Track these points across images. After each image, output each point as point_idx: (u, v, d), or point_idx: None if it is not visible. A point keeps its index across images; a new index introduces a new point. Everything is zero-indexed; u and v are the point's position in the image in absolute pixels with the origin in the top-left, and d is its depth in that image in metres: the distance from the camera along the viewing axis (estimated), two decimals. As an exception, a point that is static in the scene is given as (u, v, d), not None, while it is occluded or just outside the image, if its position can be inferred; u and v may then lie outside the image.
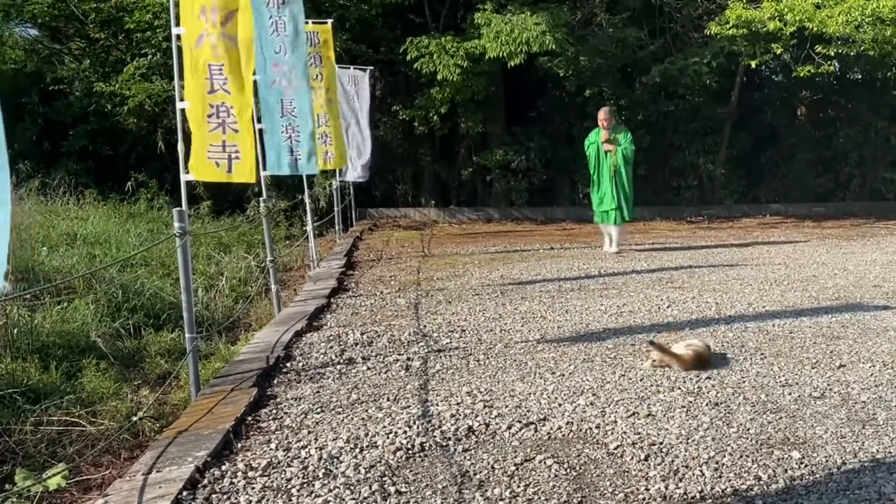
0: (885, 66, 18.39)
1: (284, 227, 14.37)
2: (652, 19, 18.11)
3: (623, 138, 11.88)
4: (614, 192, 11.78)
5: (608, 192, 11.83)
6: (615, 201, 11.79)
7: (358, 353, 6.27)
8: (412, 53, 15.86)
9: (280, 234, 13.78)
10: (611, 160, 11.80)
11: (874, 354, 6.01)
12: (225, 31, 5.86)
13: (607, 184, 11.83)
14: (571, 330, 6.99)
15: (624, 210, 11.90)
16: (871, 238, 13.88)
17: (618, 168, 11.80)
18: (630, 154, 11.89)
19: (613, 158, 11.78)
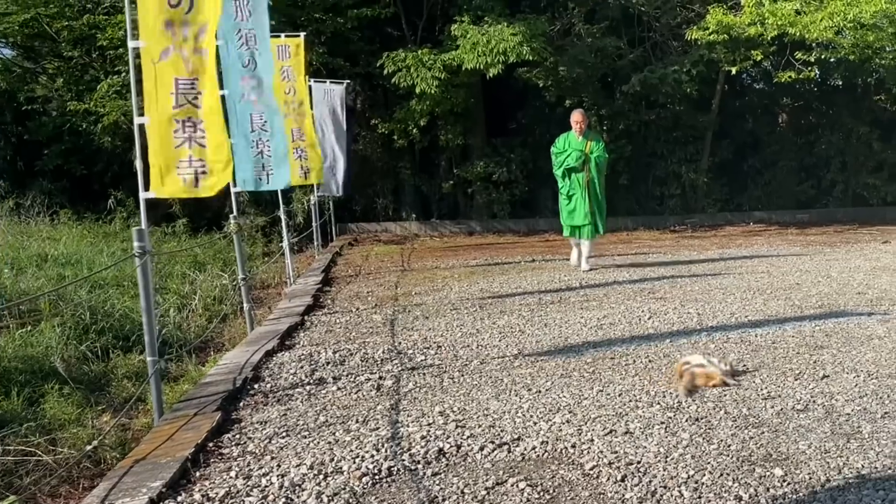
0: (866, 72, 18.38)
1: (262, 243, 14.16)
2: (631, 28, 18.06)
3: (596, 146, 11.05)
4: (587, 205, 10.91)
5: (581, 205, 10.94)
6: (588, 215, 10.93)
7: (329, 373, 6.08)
8: (389, 67, 15.71)
9: (257, 250, 13.60)
10: (584, 170, 10.92)
11: (858, 364, 5.87)
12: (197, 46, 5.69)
13: (580, 195, 10.94)
14: (550, 344, 6.82)
15: (598, 223, 11.11)
16: (855, 244, 13.78)
17: (591, 178, 10.96)
18: (603, 163, 11.14)
19: (587, 168, 10.91)
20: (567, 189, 11.07)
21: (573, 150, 10.94)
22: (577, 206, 10.99)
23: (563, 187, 11.14)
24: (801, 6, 14.95)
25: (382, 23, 17.46)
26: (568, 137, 11.07)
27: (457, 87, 16.37)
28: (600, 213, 11.15)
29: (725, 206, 19.84)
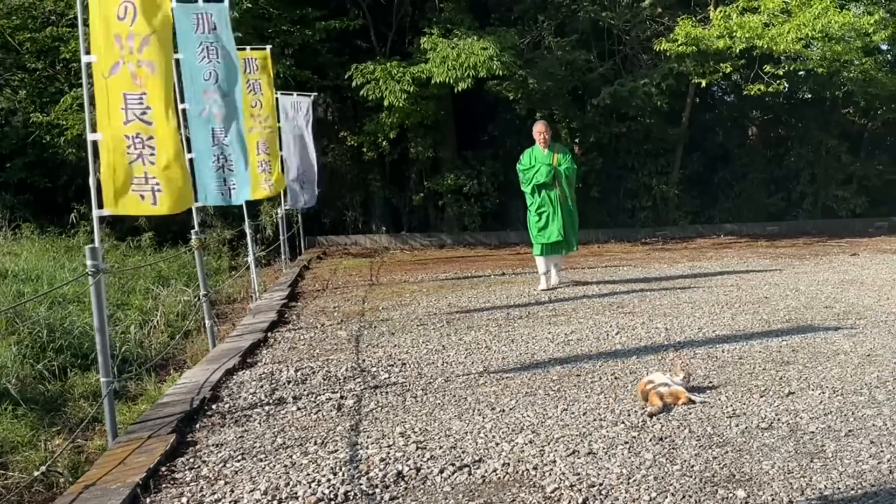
0: (834, 86, 18.51)
1: (228, 257, 13.97)
2: (601, 42, 18.08)
3: (564, 158, 10.50)
4: (561, 221, 10.38)
5: (554, 221, 10.39)
6: (562, 231, 10.41)
7: (289, 392, 5.95)
8: (357, 80, 15.60)
9: (224, 264, 13.42)
10: (558, 185, 10.39)
11: (824, 380, 5.82)
12: (142, 58, 5.55)
13: (552, 211, 10.38)
14: (516, 361, 6.73)
15: (572, 240, 10.68)
16: (824, 257, 13.82)
17: (562, 192, 10.45)
18: (573, 175, 10.64)
19: (557, 182, 10.38)
20: (537, 206, 10.48)
21: (541, 164, 10.38)
22: (549, 222, 10.43)
23: (533, 204, 10.54)
24: (768, 19, 15.02)
25: (351, 35, 17.34)
26: (533, 152, 10.55)
27: (426, 100, 16.28)
28: (573, 229, 10.68)
29: (696, 219, 19.88)
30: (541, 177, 10.36)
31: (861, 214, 19.79)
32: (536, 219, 10.53)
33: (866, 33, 14.80)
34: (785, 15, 15.06)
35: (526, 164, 10.56)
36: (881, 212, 20.36)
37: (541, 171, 10.37)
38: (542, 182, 10.38)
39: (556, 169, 10.37)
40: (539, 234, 10.54)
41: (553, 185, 10.40)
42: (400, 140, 17.66)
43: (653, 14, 17.36)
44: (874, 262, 12.85)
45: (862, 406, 5.22)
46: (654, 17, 17.48)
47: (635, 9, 17.51)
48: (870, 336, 7.23)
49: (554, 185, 10.40)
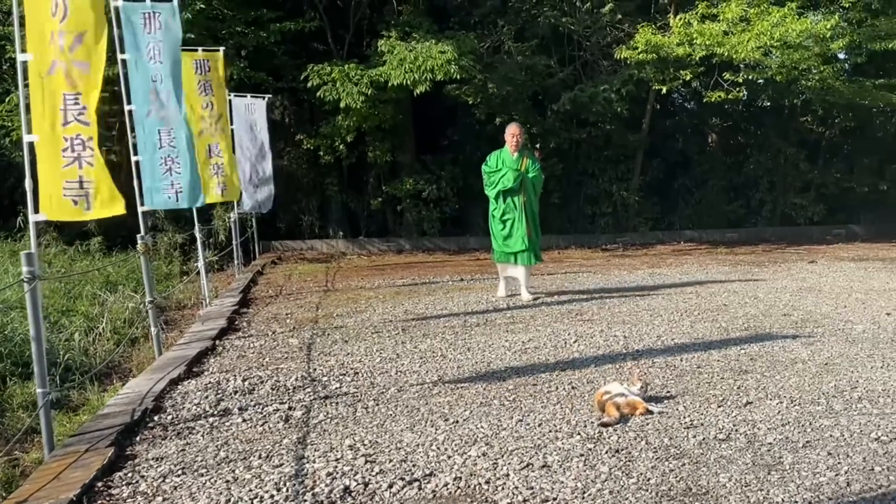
0: (792, 94, 18.65)
1: (179, 262, 13.65)
2: (561, 47, 18.02)
3: (532, 165, 10.03)
4: (525, 228, 9.93)
5: (518, 229, 9.94)
6: (526, 240, 9.96)
7: (235, 403, 5.74)
8: (314, 81, 15.35)
9: (175, 269, 13.11)
10: (524, 191, 9.94)
11: (782, 390, 5.74)
12: (74, 57, 5.33)
13: (517, 218, 9.93)
14: (471, 369, 6.57)
15: (536, 249, 10.20)
16: (782, 264, 13.85)
17: (527, 199, 10.01)
18: (539, 183, 10.19)
19: (524, 188, 9.92)
20: (501, 212, 10.00)
21: (508, 168, 9.87)
22: (513, 230, 9.97)
23: (497, 210, 10.05)
24: (728, 27, 15.05)
25: (308, 37, 17.11)
26: (501, 154, 10.04)
27: (384, 103, 16.08)
28: (536, 238, 10.18)
29: (657, 225, 19.90)
30: (507, 182, 9.85)
31: (819, 222, 19.95)
32: (500, 226, 10.05)
33: (824, 39, 14.89)
34: (744, 23, 15.10)
35: (492, 166, 10.07)
36: (838, 219, 20.55)
37: (507, 175, 9.86)
38: (508, 188, 9.87)
39: (523, 175, 9.89)
40: (503, 242, 10.07)
41: (519, 192, 9.92)
42: (358, 144, 17.43)
43: (612, 20, 17.34)
44: (831, 269, 12.89)
45: (819, 416, 5.14)
46: (613, 24, 17.46)
47: (595, 15, 17.47)
48: (827, 344, 7.18)
49: (520, 192, 9.92)
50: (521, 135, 10.10)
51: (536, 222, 10.20)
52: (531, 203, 10.06)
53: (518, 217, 9.94)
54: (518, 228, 9.95)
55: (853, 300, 9.61)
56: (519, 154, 9.97)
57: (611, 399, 5.18)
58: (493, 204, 10.16)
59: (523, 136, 10.22)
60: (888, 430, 4.84)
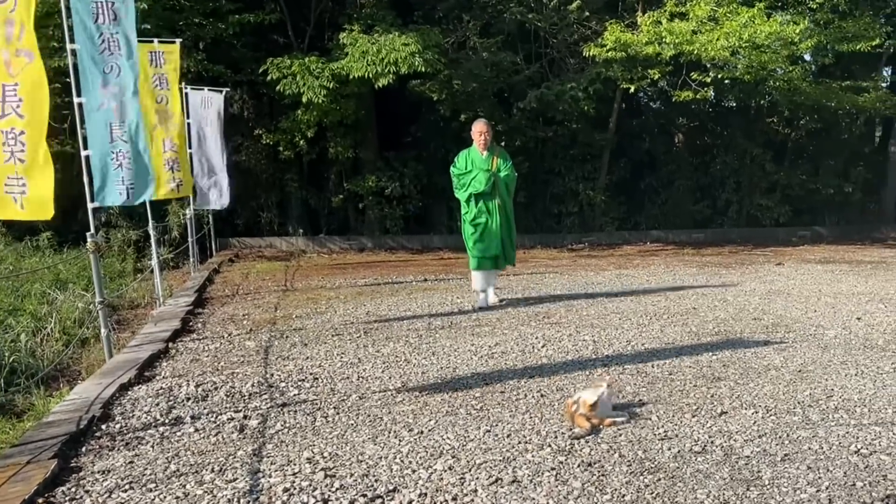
0: (759, 94, 18.63)
1: (133, 259, 13.22)
2: (527, 44, 17.82)
3: (504, 164, 9.45)
4: (500, 232, 9.38)
5: (492, 234, 9.34)
6: (501, 244, 9.42)
7: (188, 411, 5.43)
8: (273, 74, 14.99)
9: (128, 267, 12.69)
10: (497, 193, 9.34)
11: (756, 398, 5.54)
12: (21, 47, 5.00)
13: (491, 222, 9.32)
14: (437, 375, 6.31)
15: (510, 253, 9.65)
16: (750, 266, 13.76)
17: (501, 200, 9.40)
18: (513, 183, 9.57)
19: (497, 190, 9.33)
20: (473, 216, 9.35)
21: (478, 169, 9.26)
22: (487, 235, 9.34)
23: (468, 213, 9.40)
24: (696, 26, 14.93)
25: (268, 29, 16.75)
26: (470, 154, 9.40)
27: (346, 98, 15.76)
28: (511, 241, 9.62)
29: (623, 225, 19.80)
30: (479, 185, 9.22)
31: (784, 223, 19.99)
32: (472, 230, 9.38)
33: (792, 42, 14.84)
34: (713, 23, 14.99)
35: (461, 168, 9.41)
36: (804, 221, 20.61)
37: (478, 177, 9.24)
38: (480, 191, 9.24)
39: (495, 175, 9.31)
40: (475, 246, 9.39)
41: (492, 194, 9.33)
42: (319, 139, 17.10)
43: (580, 18, 17.16)
44: (799, 272, 12.81)
45: (797, 427, 4.94)
46: (581, 21, 17.28)
47: (562, 12, 17.26)
48: (800, 350, 7.02)
49: (493, 194, 9.33)
50: (489, 132, 9.43)
51: (511, 225, 9.63)
52: (505, 204, 9.47)
53: (492, 221, 9.34)
54: (492, 233, 9.35)
55: (823, 304, 9.50)
56: (489, 152, 9.37)
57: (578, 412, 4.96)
58: (464, 207, 9.52)
59: (491, 133, 9.55)
60: (867, 442, 4.66)
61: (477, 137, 9.39)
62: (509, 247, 9.58)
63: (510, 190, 9.55)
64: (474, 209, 9.35)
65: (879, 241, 18.81)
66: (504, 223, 9.42)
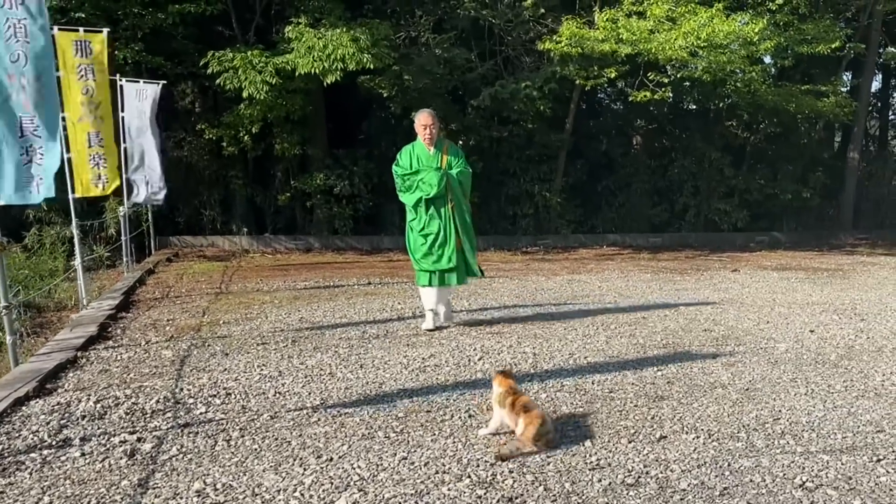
0: (718, 97, 18.36)
1: (64, 258, 12.58)
2: (481, 41, 17.38)
3: (456, 159, 8.06)
4: (454, 241, 7.98)
5: (447, 245, 7.96)
6: (456, 255, 7.99)
7: (79, 431, 4.93)
8: (214, 67, 14.41)
9: (59, 265, 12.06)
10: (450, 195, 7.96)
11: (699, 420, 5.15)
12: None
13: (445, 233, 7.97)
14: (361, 391, 5.85)
15: (470, 262, 8.18)
16: (705, 272, 13.43)
17: (456, 203, 8.04)
18: (467, 180, 8.16)
19: (450, 192, 7.97)
20: (422, 225, 8.00)
21: (426, 168, 7.92)
22: (437, 245, 7.98)
23: (416, 221, 8.05)
24: (654, 25, 14.60)
25: (211, 20, 16.17)
26: (415, 150, 8.05)
27: (293, 93, 15.22)
28: (471, 248, 8.17)
29: (579, 228, 19.46)
30: (430, 187, 7.86)
31: (742, 228, 19.78)
32: (421, 241, 8.01)
33: (751, 42, 14.55)
34: (670, 23, 14.67)
35: (405, 166, 8.05)
36: (762, 226, 20.43)
37: (428, 178, 7.87)
38: (431, 194, 7.87)
39: (446, 174, 7.94)
40: (424, 259, 8.02)
41: (444, 197, 7.94)
42: (265, 135, 16.53)
43: (535, 15, 16.75)
44: (754, 279, 12.51)
45: (739, 455, 4.56)
46: (536, 19, 16.88)
47: (517, 9, 16.86)
48: (748, 365, 6.65)
49: (446, 197, 7.95)
50: (435, 124, 8.03)
51: (469, 231, 8.17)
52: (460, 207, 8.05)
53: (444, 230, 7.96)
54: (445, 244, 7.97)
55: (776, 314, 9.16)
56: (436, 148, 8.01)
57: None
58: (410, 213, 8.13)
59: (437, 126, 8.14)
60: (813, 474, 4.28)
61: (421, 131, 8.01)
62: (470, 255, 8.15)
63: (465, 189, 8.14)
64: (424, 216, 7.97)
65: (837, 248, 18.63)
66: (461, 228, 8.04)
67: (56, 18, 13.04)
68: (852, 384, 6.08)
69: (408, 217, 8.19)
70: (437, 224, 7.95)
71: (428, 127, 7.96)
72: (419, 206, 7.98)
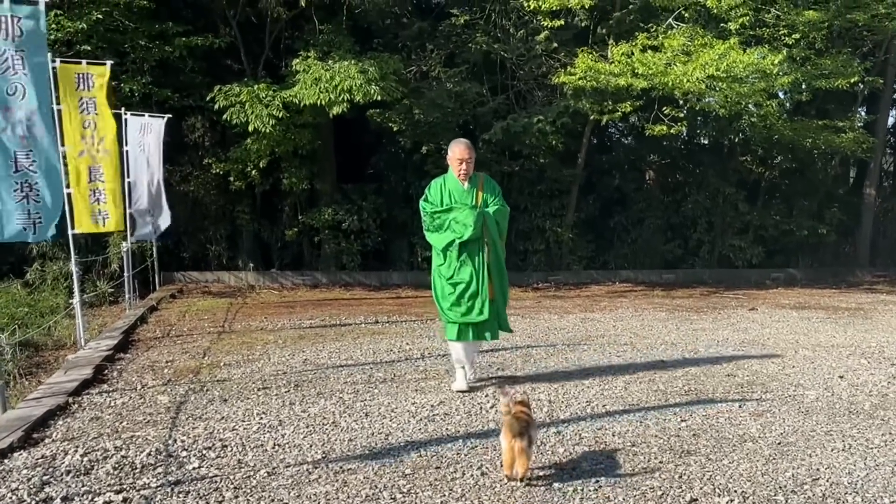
0: (733, 132, 18.03)
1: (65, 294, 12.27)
2: (493, 75, 17.10)
3: (492, 197, 7.00)
4: (487, 291, 6.89)
5: (480, 293, 6.88)
6: (488, 309, 6.87)
7: (62, 490, 4.57)
8: (220, 102, 14.16)
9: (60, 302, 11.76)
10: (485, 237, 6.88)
11: (731, 480, 4.76)
12: None
13: (477, 282, 6.87)
14: (365, 444, 5.47)
15: (502, 315, 7.19)
16: (722, 310, 13.02)
17: (492, 247, 6.96)
18: (505, 220, 7.15)
19: (486, 234, 6.89)
20: (451, 271, 6.91)
21: (460, 206, 6.84)
22: (468, 296, 6.89)
23: (445, 267, 6.95)
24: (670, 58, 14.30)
25: (220, 54, 15.96)
26: (446, 184, 6.98)
27: (301, 127, 14.96)
28: (503, 299, 7.17)
29: (591, 264, 19.06)
30: (465, 229, 6.76)
31: (757, 265, 19.35)
32: (450, 290, 6.94)
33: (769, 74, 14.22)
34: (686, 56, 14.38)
35: (435, 201, 6.97)
36: (777, 262, 20.02)
37: (462, 217, 6.79)
38: (465, 237, 6.79)
39: (483, 213, 6.87)
40: (452, 310, 6.95)
41: (480, 241, 6.88)
42: (272, 169, 16.22)
43: (548, 49, 16.48)
44: (773, 318, 12.09)
45: (779, 521, 4.17)
46: (549, 53, 16.61)
47: (529, 43, 16.59)
48: (778, 416, 6.25)
49: (481, 240, 6.88)
50: (472, 159, 6.96)
51: (504, 279, 7.15)
52: (496, 251, 7.02)
53: (478, 277, 6.88)
54: (477, 294, 6.89)
55: (800, 358, 8.75)
56: (471, 183, 6.96)
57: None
58: (437, 258, 7.06)
59: (474, 160, 7.02)
60: (863, 544, 3.89)
61: (456, 166, 6.92)
62: (501, 306, 7.14)
63: (502, 230, 7.09)
64: (454, 261, 6.90)
65: (854, 286, 18.18)
66: (496, 276, 7.01)
67: (62, 51, 12.85)
68: (892, 438, 5.68)
69: (434, 261, 7.12)
70: (468, 272, 6.87)
71: (465, 162, 6.85)
72: (450, 251, 6.89)
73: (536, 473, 4.82)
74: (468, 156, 6.87)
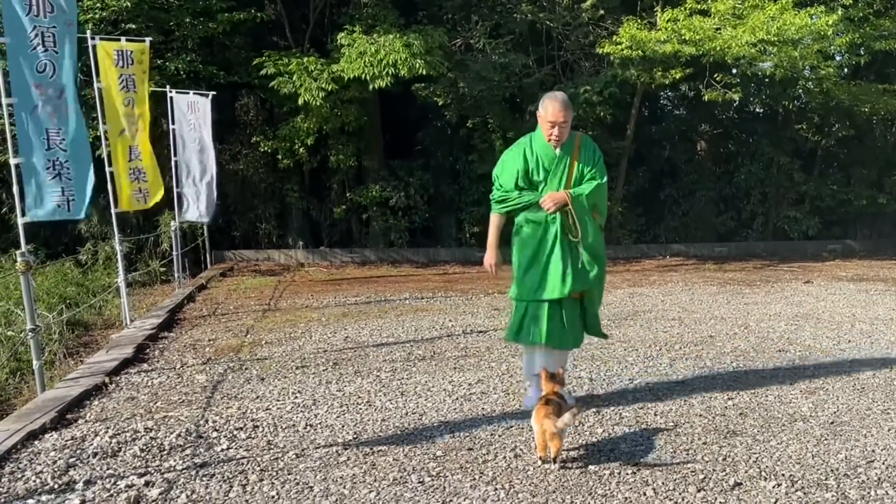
0: (788, 98, 17.45)
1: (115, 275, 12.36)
2: (539, 46, 16.74)
3: (589, 169, 5.38)
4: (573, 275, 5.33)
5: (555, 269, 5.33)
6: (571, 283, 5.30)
7: (86, 473, 4.52)
8: (269, 69, 14.06)
9: (113, 282, 11.85)
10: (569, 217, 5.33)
11: (778, 463, 4.53)
12: None
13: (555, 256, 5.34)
14: (398, 424, 5.35)
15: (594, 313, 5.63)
16: (775, 284, 12.64)
17: (584, 230, 5.34)
18: (604, 198, 5.52)
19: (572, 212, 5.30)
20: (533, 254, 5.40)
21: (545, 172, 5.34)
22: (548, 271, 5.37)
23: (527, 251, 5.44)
24: (719, 23, 13.83)
25: (265, 30, 15.87)
26: (532, 146, 5.40)
27: (348, 103, 14.81)
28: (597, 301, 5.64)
29: (641, 238, 18.70)
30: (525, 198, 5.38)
31: (813, 236, 18.80)
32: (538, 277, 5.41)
33: (824, 36, 13.66)
34: (736, 19, 13.90)
35: (507, 186, 5.45)
36: (834, 233, 19.43)
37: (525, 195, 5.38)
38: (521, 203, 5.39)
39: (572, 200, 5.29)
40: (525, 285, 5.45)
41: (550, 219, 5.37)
42: (320, 147, 16.14)
43: (594, 17, 16.07)
44: (829, 291, 11.70)
45: (829, 509, 3.94)
46: (595, 21, 16.21)
47: (575, 11, 16.17)
48: (832, 393, 5.97)
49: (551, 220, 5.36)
50: (568, 123, 5.31)
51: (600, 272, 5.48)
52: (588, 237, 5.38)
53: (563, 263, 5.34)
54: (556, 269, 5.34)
55: (857, 332, 8.41)
56: (564, 150, 5.36)
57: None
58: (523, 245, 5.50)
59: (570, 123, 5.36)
60: (919, 532, 3.65)
61: (547, 129, 5.31)
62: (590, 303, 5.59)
63: (601, 210, 5.52)
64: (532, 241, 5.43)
65: (917, 256, 17.59)
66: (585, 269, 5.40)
67: (108, 30, 12.87)
68: (953, 418, 5.39)
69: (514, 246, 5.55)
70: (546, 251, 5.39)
71: (557, 126, 5.24)
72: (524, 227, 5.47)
73: (572, 455, 4.65)
74: (563, 118, 5.24)
